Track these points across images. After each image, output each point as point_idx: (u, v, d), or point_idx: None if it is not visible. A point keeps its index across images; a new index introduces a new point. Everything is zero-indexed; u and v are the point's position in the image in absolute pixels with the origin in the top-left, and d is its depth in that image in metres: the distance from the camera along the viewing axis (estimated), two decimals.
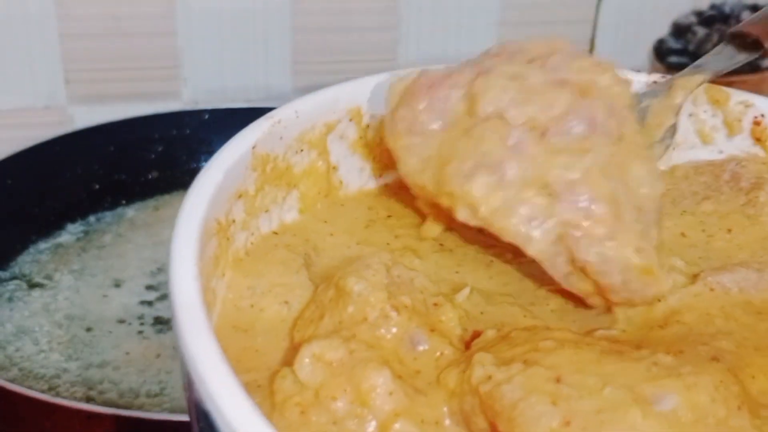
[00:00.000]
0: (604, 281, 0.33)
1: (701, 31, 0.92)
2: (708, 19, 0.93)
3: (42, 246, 0.75)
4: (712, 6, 0.93)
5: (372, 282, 0.31)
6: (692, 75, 0.41)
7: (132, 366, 0.63)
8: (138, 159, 0.81)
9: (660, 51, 0.94)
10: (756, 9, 0.92)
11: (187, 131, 0.82)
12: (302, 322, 0.32)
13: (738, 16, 0.92)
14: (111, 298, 0.69)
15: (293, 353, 0.30)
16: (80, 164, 0.79)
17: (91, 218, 0.78)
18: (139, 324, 0.67)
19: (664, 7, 0.93)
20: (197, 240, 0.30)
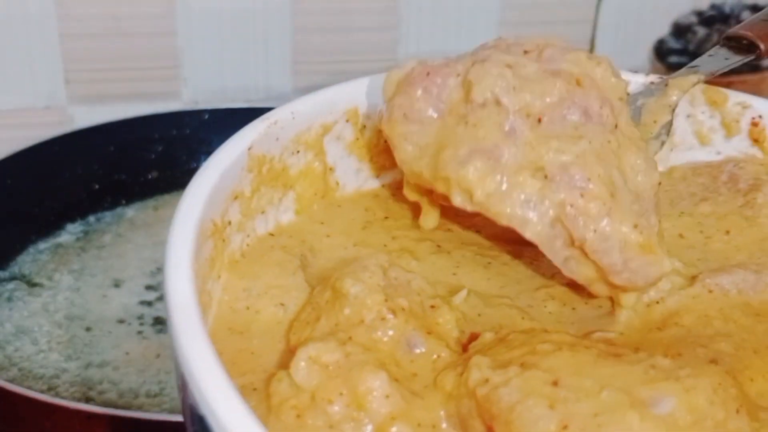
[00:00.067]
0: (605, 261, 0.33)
1: (701, 31, 0.92)
2: (708, 19, 0.92)
3: (42, 246, 0.75)
4: (712, 6, 0.93)
5: (369, 284, 0.31)
6: (687, 75, 0.42)
7: (131, 366, 0.63)
8: (138, 159, 0.81)
9: (660, 51, 0.94)
10: (756, 9, 0.92)
11: (187, 131, 0.82)
12: (298, 324, 0.32)
13: (738, 16, 0.92)
14: (111, 298, 0.69)
15: (289, 356, 0.30)
16: (80, 164, 0.79)
17: (91, 218, 0.78)
18: (139, 324, 0.66)
19: (664, 7, 0.93)
20: (193, 242, 0.30)
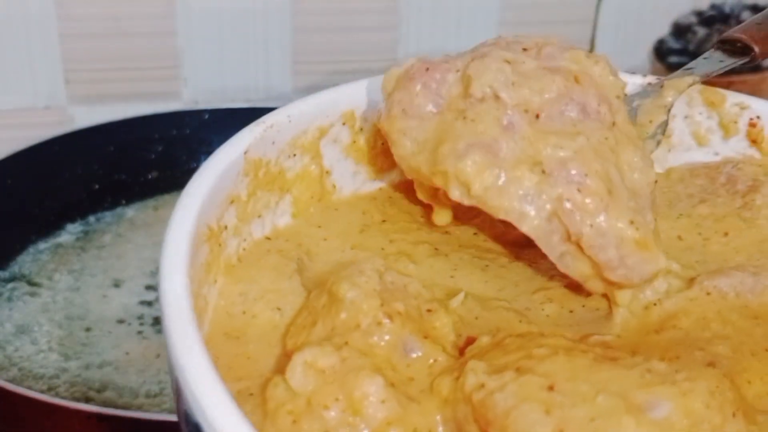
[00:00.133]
0: (601, 256, 0.33)
1: (701, 31, 0.92)
2: (708, 19, 0.92)
3: (42, 246, 0.75)
4: (712, 6, 0.93)
5: (365, 289, 0.31)
6: (683, 77, 0.42)
7: (131, 366, 0.63)
8: (138, 159, 0.81)
9: (660, 51, 0.94)
10: (756, 9, 0.92)
11: (187, 131, 0.82)
12: (295, 329, 0.32)
13: (738, 16, 0.92)
14: (111, 298, 0.69)
15: (286, 360, 0.30)
16: (80, 164, 0.79)
17: (91, 218, 0.78)
18: (139, 324, 0.67)
19: (664, 7, 0.93)
20: (188, 246, 0.30)
